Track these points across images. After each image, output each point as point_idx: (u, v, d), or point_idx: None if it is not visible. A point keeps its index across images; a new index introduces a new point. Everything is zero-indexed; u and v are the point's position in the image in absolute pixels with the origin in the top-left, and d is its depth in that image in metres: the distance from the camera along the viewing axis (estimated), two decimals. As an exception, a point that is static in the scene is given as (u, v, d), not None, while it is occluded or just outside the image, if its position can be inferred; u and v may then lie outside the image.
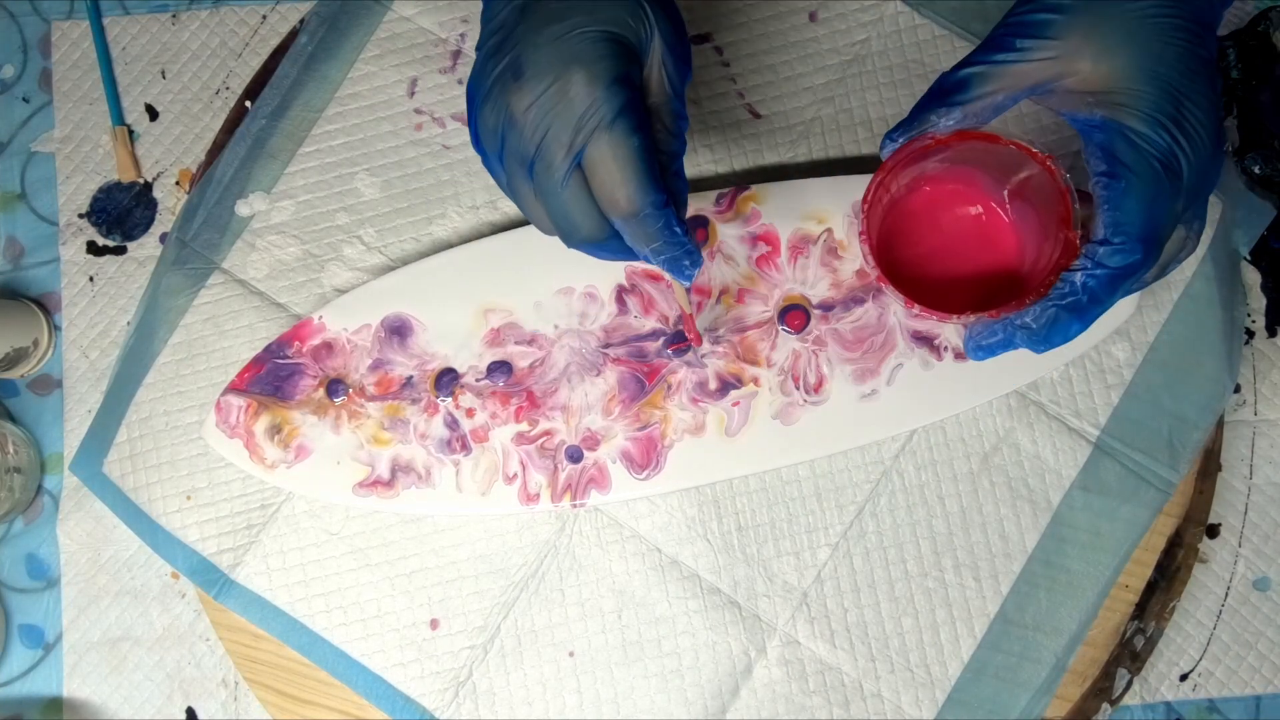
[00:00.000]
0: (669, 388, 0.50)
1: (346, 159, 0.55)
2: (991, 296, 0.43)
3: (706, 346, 0.50)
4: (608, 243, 0.38)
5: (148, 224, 0.60)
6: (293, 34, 0.58)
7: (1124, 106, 0.35)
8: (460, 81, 0.55)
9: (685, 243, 0.38)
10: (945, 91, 0.37)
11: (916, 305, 0.40)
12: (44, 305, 0.60)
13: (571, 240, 0.38)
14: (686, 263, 0.38)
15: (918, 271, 0.45)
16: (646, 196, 0.36)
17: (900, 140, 0.39)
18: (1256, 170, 0.55)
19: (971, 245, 0.44)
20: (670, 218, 0.37)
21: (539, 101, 0.35)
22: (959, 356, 0.49)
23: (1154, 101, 0.35)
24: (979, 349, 0.40)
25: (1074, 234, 0.37)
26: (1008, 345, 0.39)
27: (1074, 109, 0.37)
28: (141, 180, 0.61)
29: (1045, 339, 0.38)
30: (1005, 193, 0.43)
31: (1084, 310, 0.37)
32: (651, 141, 0.36)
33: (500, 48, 0.36)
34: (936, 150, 0.38)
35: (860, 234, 0.42)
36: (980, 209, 0.45)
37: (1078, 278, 0.37)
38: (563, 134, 0.35)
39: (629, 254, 0.38)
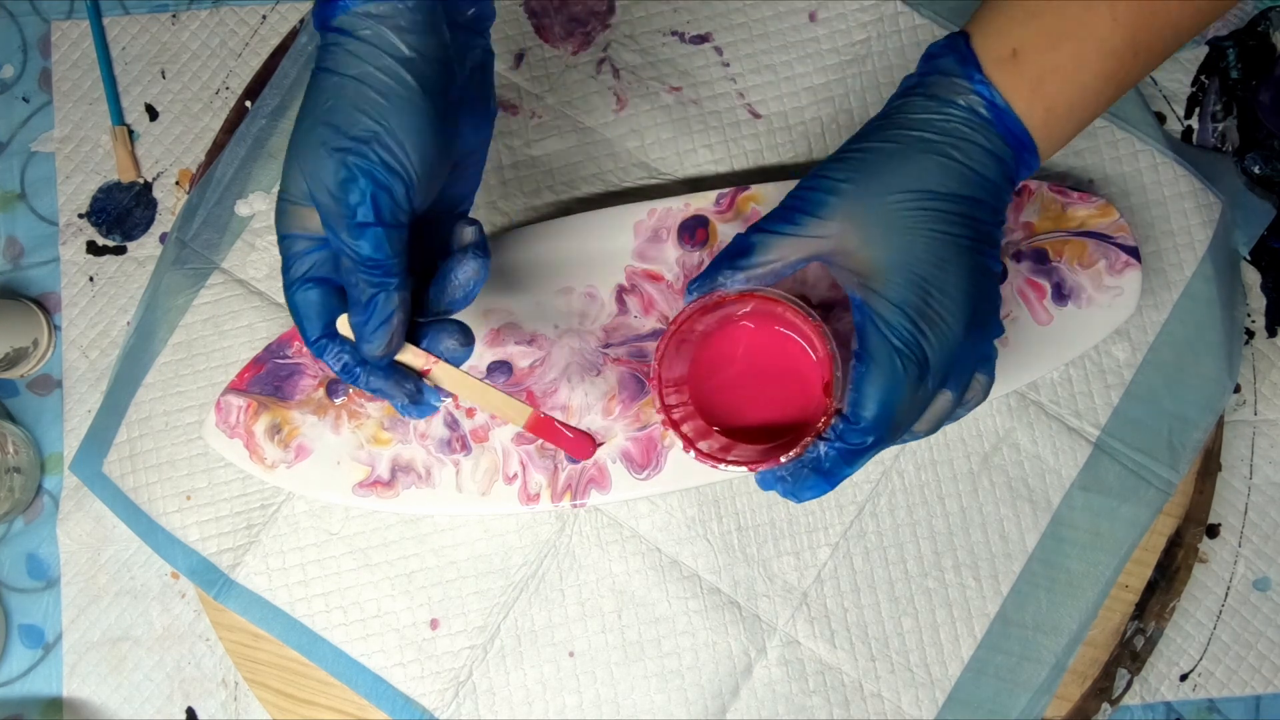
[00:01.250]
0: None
1: (346, 159, 0.55)
2: (796, 428, 0.43)
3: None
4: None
5: (148, 224, 0.60)
6: (293, 34, 0.58)
7: (875, 293, 0.37)
8: (460, 81, 0.55)
9: (365, 385, 0.39)
10: (732, 255, 0.39)
11: (693, 449, 0.40)
12: (44, 305, 0.60)
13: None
14: (398, 403, 0.41)
15: (724, 400, 0.45)
16: (304, 339, 0.39)
17: (696, 294, 0.40)
18: (1256, 170, 0.55)
19: (776, 377, 0.45)
20: (333, 362, 0.39)
21: None
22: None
23: (899, 292, 0.36)
24: (761, 479, 0.41)
25: (829, 401, 0.38)
26: (769, 486, 0.41)
27: (846, 284, 0.38)
28: (141, 180, 0.61)
29: (795, 494, 0.39)
30: (809, 333, 0.43)
31: (828, 475, 0.38)
32: (332, 293, 0.39)
33: None
34: (731, 303, 0.40)
35: (650, 379, 0.42)
36: (785, 344, 0.45)
37: (822, 447, 0.38)
38: None
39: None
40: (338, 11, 0.36)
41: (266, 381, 0.52)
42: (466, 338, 0.40)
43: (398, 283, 0.37)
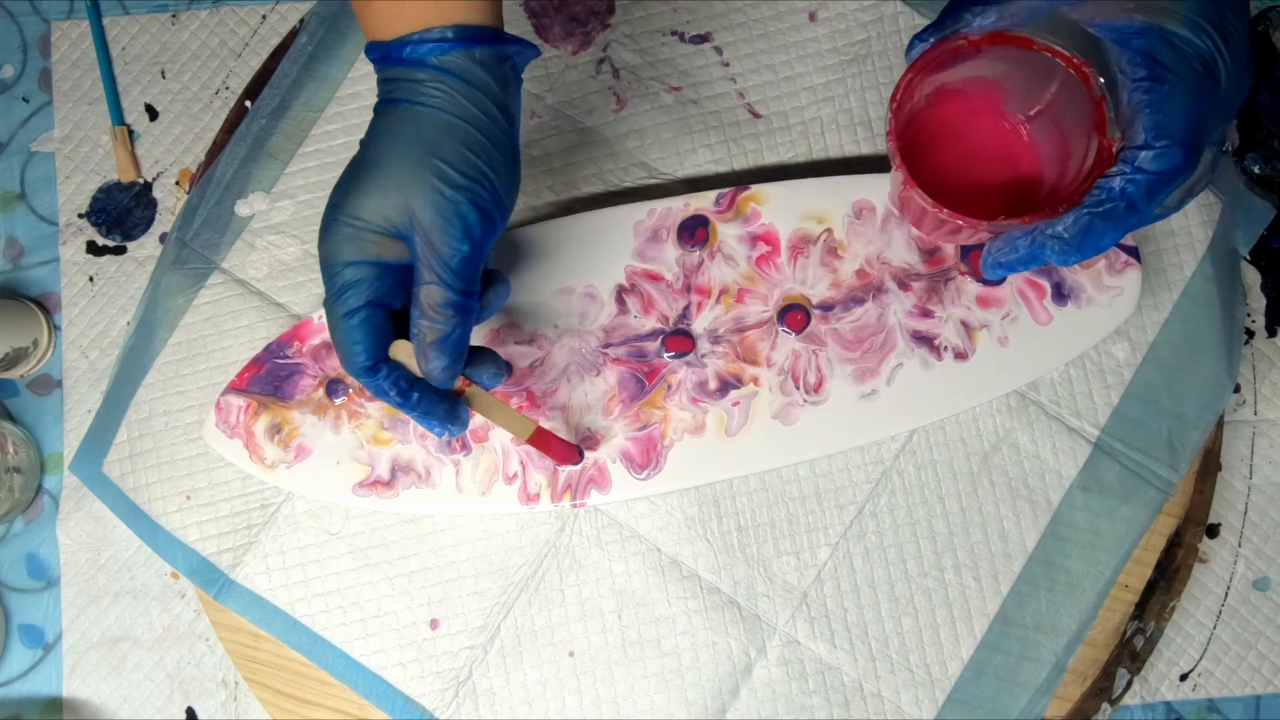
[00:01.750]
0: (669, 388, 0.50)
1: (346, 159, 0.55)
2: (1010, 212, 0.41)
3: (706, 346, 0.50)
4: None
5: (147, 224, 0.60)
6: (293, 34, 0.58)
7: (1165, 10, 0.35)
8: (460, 81, 0.55)
9: (410, 408, 0.40)
10: None
11: (945, 209, 0.38)
12: (44, 305, 0.60)
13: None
14: (434, 424, 0.41)
15: (935, 184, 0.43)
16: (353, 365, 0.39)
17: (931, 40, 0.38)
18: (1256, 170, 0.55)
19: (990, 161, 0.43)
20: (388, 387, 0.39)
21: (319, 258, 0.39)
22: (959, 356, 0.49)
23: (1196, 6, 0.35)
24: (998, 266, 0.39)
25: (1110, 141, 0.36)
26: (1033, 260, 0.38)
27: (1111, 16, 0.36)
28: (141, 180, 0.61)
29: (1078, 247, 0.37)
30: (1030, 110, 0.41)
31: (1120, 218, 0.36)
32: (385, 319, 0.39)
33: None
34: (966, 55, 0.37)
35: (888, 134, 0.40)
36: (1001, 125, 0.43)
37: (1116, 183, 0.36)
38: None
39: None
40: (418, 52, 0.36)
41: (266, 381, 0.52)
42: (500, 368, 0.43)
43: (470, 315, 0.39)
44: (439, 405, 0.41)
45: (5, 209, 0.61)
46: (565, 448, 0.47)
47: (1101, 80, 0.38)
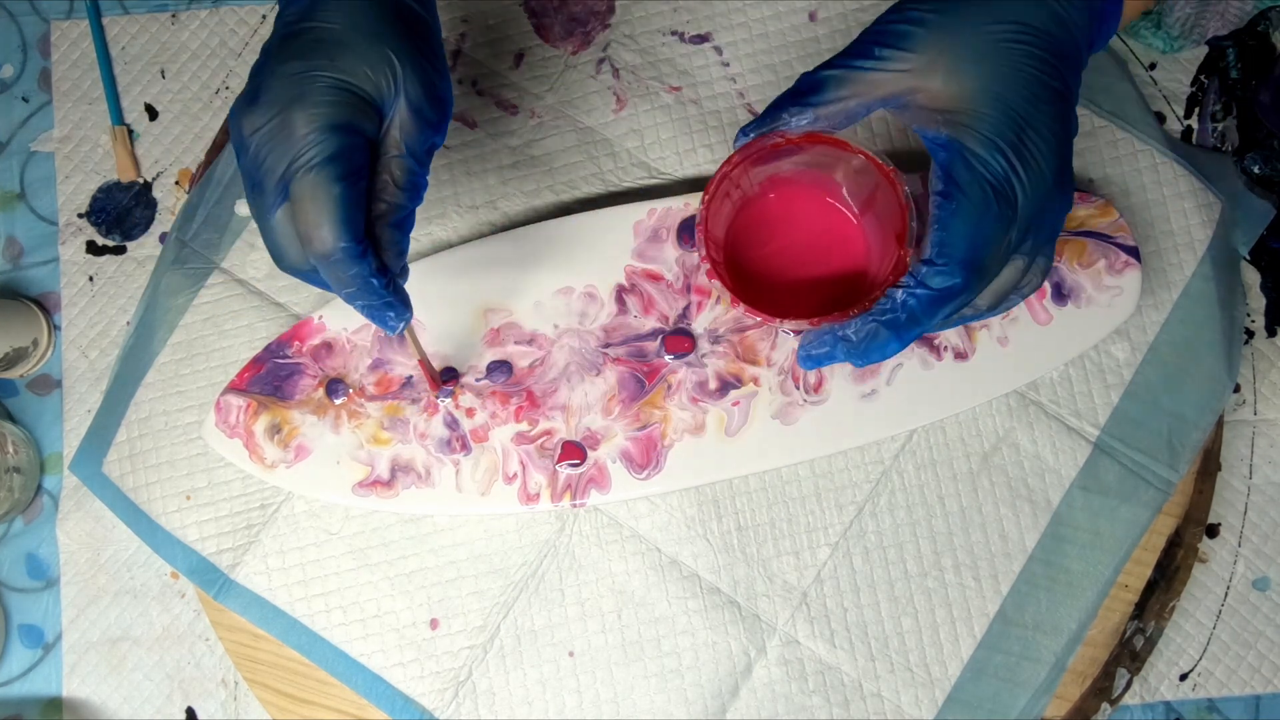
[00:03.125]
0: (669, 387, 0.50)
1: (346, 159, 0.55)
2: (834, 304, 0.42)
3: (706, 346, 0.50)
4: (311, 274, 0.39)
5: (147, 224, 0.60)
6: (292, 34, 0.58)
7: (967, 128, 0.35)
8: (460, 81, 0.55)
9: (383, 294, 0.38)
10: (802, 92, 0.37)
11: (741, 304, 0.39)
12: (43, 305, 0.60)
13: (279, 264, 0.39)
14: (390, 315, 0.39)
15: (763, 272, 0.44)
16: (338, 242, 0.37)
17: (752, 135, 0.38)
18: (1256, 170, 0.55)
19: (820, 250, 0.43)
20: (366, 268, 0.38)
21: (262, 130, 0.37)
22: (959, 356, 0.49)
23: (995, 125, 0.35)
24: (807, 358, 0.39)
25: (906, 251, 0.36)
26: (832, 357, 0.39)
27: (925, 125, 0.37)
28: (141, 180, 0.61)
29: (863, 354, 0.37)
30: (858, 206, 0.42)
31: (902, 329, 0.36)
32: (367, 191, 0.38)
33: (255, 71, 0.38)
34: (788, 151, 0.38)
35: (697, 224, 0.40)
36: (835, 215, 0.44)
37: (899, 295, 0.36)
38: (277, 165, 0.36)
39: (331, 288, 0.39)
40: None
41: (266, 381, 0.52)
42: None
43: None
44: (402, 290, 0.40)
45: (5, 209, 0.61)
46: (434, 375, 0.48)
47: (908, 191, 0.38)
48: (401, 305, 0.39)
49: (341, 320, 0.52)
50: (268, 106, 0.36)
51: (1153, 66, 0.57)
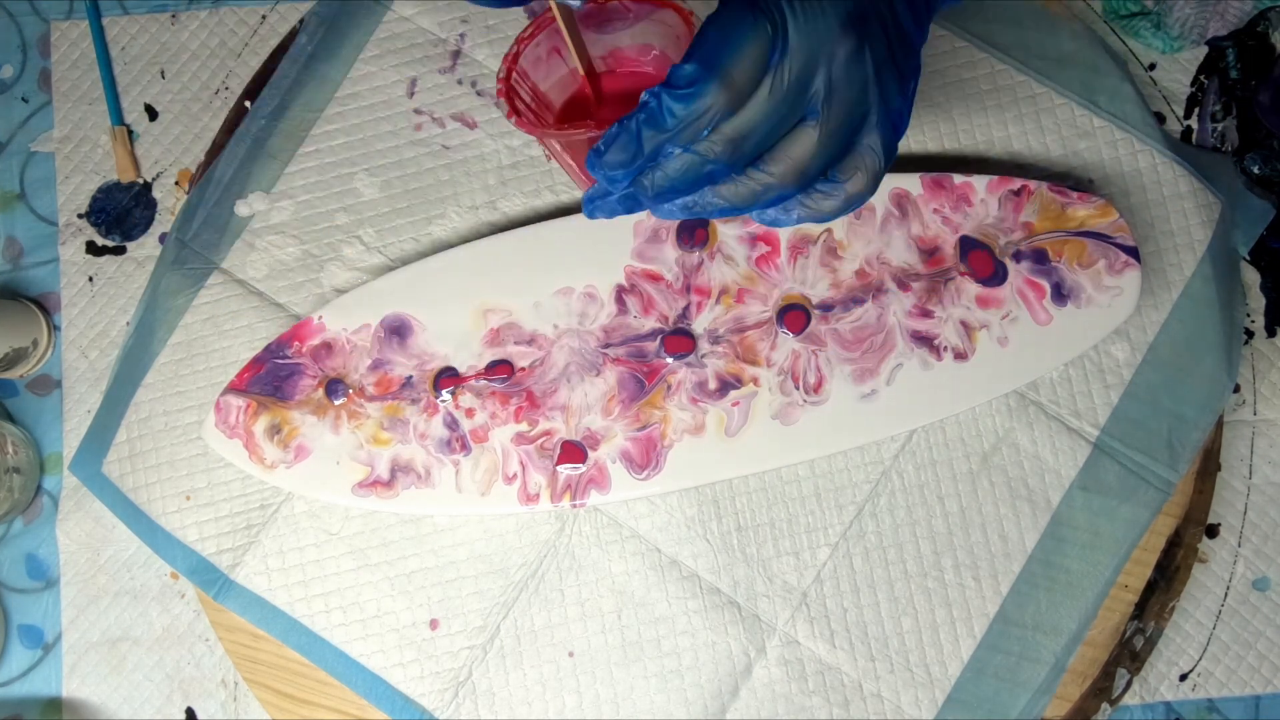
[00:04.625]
0: (668, 388, 0.50)
1: (346, 159, 0.55)
2: None
3: (706, 346, 0.50)
4: None
5: (147, 224, 0.60)
6: (293, 34, 0.58)
7: None
8: (460, 82, 0.55)
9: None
10: None
11: (514, 116, 0.38)
12: (43, 305, 0.60)
13: None
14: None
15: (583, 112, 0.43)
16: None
17: None
18: (1256, 170, 0.55)
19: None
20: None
21: None
22: (959, 356, 0.49)
23: None
24: (586, 202, 0.36)
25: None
26: (603, 195, 0.35)
27: None
28: (141, 180, 0.61)
29: (605, 164, 0.33)
30: None
31: (641, 125, 0.33)
32: None
33: None
34: (619, 14, 0.37)
35: (506, 54, 0.39)
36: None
37: (645, 95, 0.33)
38: None
39: None
40: None
41: (266, 382, 0.52)
42: None
43: None
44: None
45: (5, 209, 0.61)
46: (595, 87, 0.43)
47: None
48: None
49: (341, 320, 0.52)
50: None
51: (1152, 66, 0.57)
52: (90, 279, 0.60)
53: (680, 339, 0.50)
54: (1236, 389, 0.55)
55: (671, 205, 0.35)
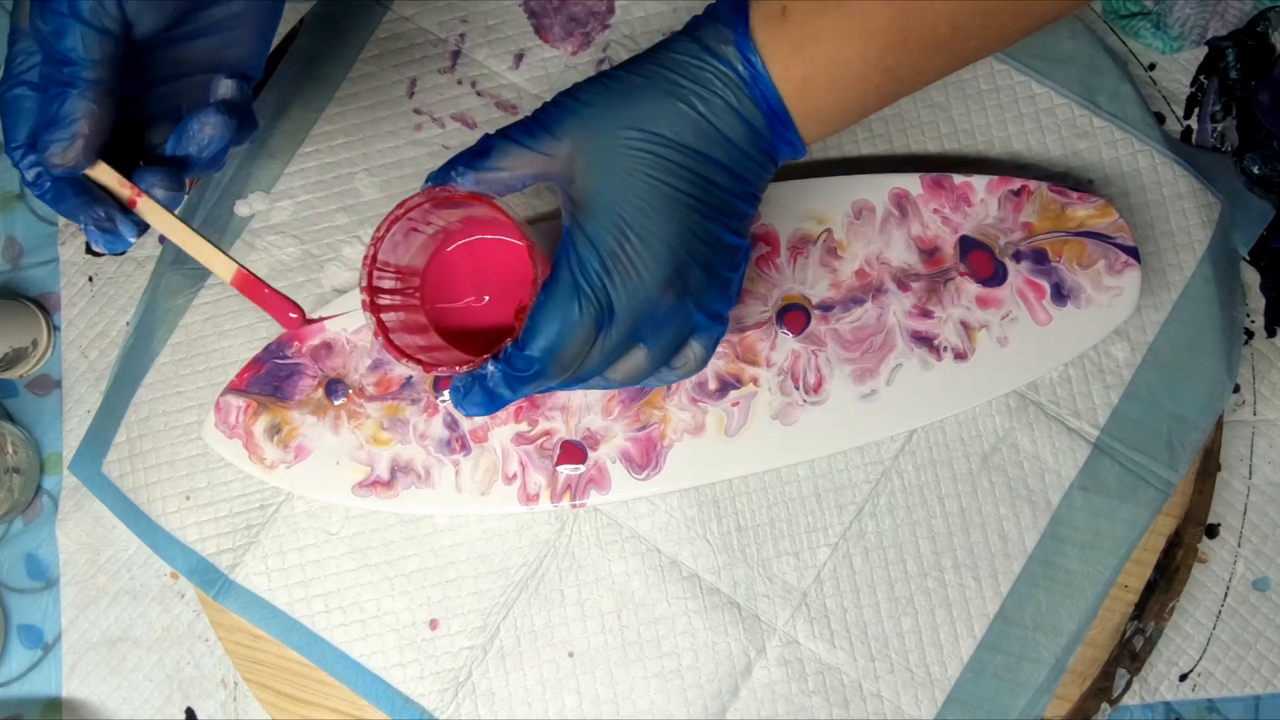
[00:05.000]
0: (668, 388, 0.50)
1: (346, 159, 0.55)
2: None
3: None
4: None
5: (147, 224, 0.60)
6: (292, 34, 0.58)
7: (579, 226, 0.36)
8: (460, 82, 0.55)
9: (45, 194, 0.37)
10: (471, 153, 0.38)
11: (384, 337, 0.39)
12: (43, 305, 0.60)
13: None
14: (88, 225, 0.38)
15: (460, 303, 0.44)
16: (12, 139, 0.37)
17: (430, 183, 0.39)
18: (1256, 170, 0.55)
19: (510, 297, 0.44)
20: (33, 166, 0.37)
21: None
22: (959, 356, 0.49)
23: (597, 229, 0.35)
24: (451, 389, 0.40)
25: (518, 325, 0.38)
26: (450, 396, 0.40)
27: (564, 213, 0.37)
28: (141, 180, 0.60)
29: (461, 406, 0.38)
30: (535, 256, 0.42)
31: (490, 395, 0.38)
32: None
33: None
34: (464, 203, 0.39)
35: (364, 259, 0.40)
36: (521, 262, 0.44)
37: (489, 365, 0.37)
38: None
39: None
40: None
41: (266, 382, 0.52)
42: (175, 183, 0.38)
43: (87, 88, 0.35)
44: (84, 206, 0.37)
45: (5, 209, 0.61)
46: (280, 301, 0.40)
47: (537, 270, 0.39)
48: (89, 216, 0.38)
49: (341, 320, 0.52)
50: None
51: (1152, 67, 0.57)
52: (90, 279, 0.60)
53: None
54: (1236, 389, 0.55)
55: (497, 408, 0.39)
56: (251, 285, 0.40)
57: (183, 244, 0.39)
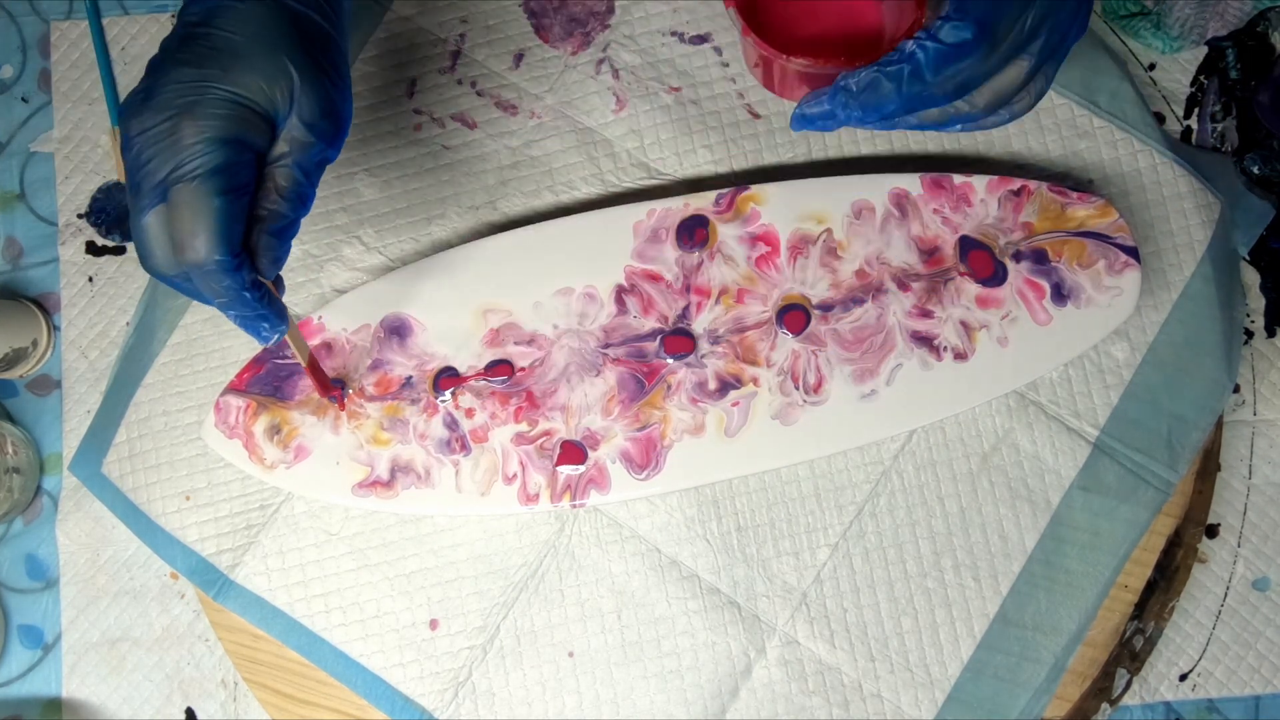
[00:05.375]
0: (668, 388, 0.50)
1: (346, 159, 0.55)
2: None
3: (706, 346, 0.50)
4: (182, 282, 0.39)
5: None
6: (292, 34, 0.57)
7: None
8: (460, 82, 0.55)
9: (255, 306, 0.39)
10: None
11: (753, 35, 0.38)
12: (43, 305, 0.60)
13: (145, 265, 0.39)
14: (264, 325, 0.40)
15: (785, 29, 0.43)
16: (213, 254, 0.37)
17: None
18: (1256, 170, 0.55)
19: (841, 15, 0.43)
20: (240, 280, 0.38)
21: (149, 132, 0.37)
22: (959, 357, 0.49)
23: None
24: (800, 118, 0.38)
25: (923, 12, 0.36)
26: (829, 116, 0.38)
27: None
28: (141, 180, 0.61)
29: (861, 104, 0.36)
30: None
31: (904, 81, 0.35)
32: (248, 204, 0.38)
33: (151, 69, 0.38)
34: None
35: None
36: None
37: (909, 45, 0.35)
38: (158, 170, 0.37)
39: (203, 297, 0.39)
40: None
41: (266, 382, 0.52)
42: (280, 253, 0.41)
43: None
44: (277, 301, 0.40)
45: (5, 209, 0.61)
46: (324, 380, 0.49)
47: None
48: (276, 316, 0.40)
49: (341, 320, 0.52)
50: (158, 110, 0.37)
51: (1152, 67, 0.57)
52: (90, 279, 0.60)
53: (680, 339, 0.50)
54: (1236, 389, 0.55)
55: (871, 119, 0.37)
56: (314, 366, 0.48)
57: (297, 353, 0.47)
